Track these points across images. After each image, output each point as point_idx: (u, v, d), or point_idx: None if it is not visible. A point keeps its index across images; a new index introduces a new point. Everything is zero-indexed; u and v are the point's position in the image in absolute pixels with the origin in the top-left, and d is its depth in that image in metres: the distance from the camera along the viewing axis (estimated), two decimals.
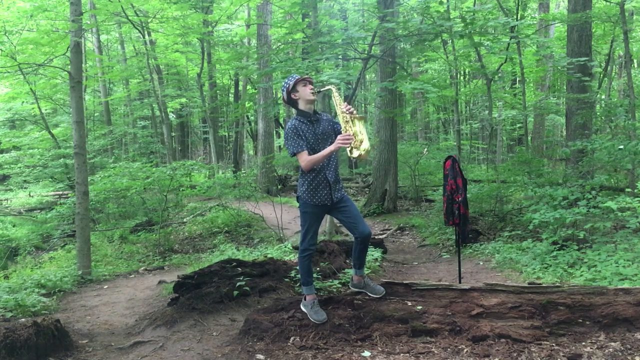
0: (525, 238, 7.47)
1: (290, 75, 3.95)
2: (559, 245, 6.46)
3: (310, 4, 9.47)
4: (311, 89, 3.87)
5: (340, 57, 13.52)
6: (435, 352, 3.42)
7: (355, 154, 3.61)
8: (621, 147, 6.88)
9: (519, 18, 12.26)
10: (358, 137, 3.62)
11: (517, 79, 15.78)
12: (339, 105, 3.76)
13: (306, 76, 3.95)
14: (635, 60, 18.78)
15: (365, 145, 3.59)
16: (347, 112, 3.69)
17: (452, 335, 3.58)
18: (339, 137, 3.66)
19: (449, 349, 3.44)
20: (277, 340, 3.76)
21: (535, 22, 13.92)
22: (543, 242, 6.75)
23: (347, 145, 3.61)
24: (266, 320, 3.94)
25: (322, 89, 4.06)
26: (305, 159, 3.78)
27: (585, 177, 7.71)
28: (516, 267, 6.41)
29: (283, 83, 3.98)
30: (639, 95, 10.83)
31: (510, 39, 10.40)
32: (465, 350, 3.41)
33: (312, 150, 3.84)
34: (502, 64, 12.69)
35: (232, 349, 3.78)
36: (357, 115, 3.67)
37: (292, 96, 3.91)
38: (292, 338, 3.75)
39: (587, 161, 7.87)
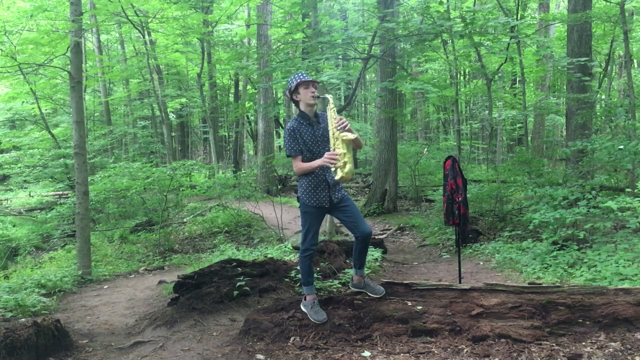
0: (525, 238, 7.47)
1: (297, 73, 3.91)
2: (559, 245, 6.46)
3: (310, 4, 9.47)
4: (313, 92, 3.85)
5: (340, 57, 13.53)
6: (435, 352, 3.42)
7: (338, 175, 3.60)
8: (621, 147, 6.88)
9: (519, 18, 12.26)
10: (342, 158, 3.60)
11: (517, 79, 15.79)
12: (333, 118, 3.73)
13: (310, 79, 3.88)
14: (635, 60, 18.77)
15: (348, 167, 3.57)
16: (340, 127, 3.65)
17: (452, 335, 3.58)
18: (326, 154, 3.67)
19: (449, 349, 3.44)
20: (277, 340, 3.76)
21: (535, 22, 13.91)
22: (543, 242, 6.75)
23: (332, 165, 3.62)
24: (266, 320, 3.94)
25: (320, 96, 4.05)
26: (297, 164, 3.86)
27: (585, 177, 7.71)
28: (516, 267, 6.41)
29: (289, 79, 3.96)
30: (639, 95, 10.83)
31: (510, 39, 10.40)
32: (465, 350, 3.41)
33: (310, 152, 3.87)
34: (502, 64, 12.69)
35: (232, 349, 3.78)
36: (347, 137, 3.62)
37: (294, 97, 3.93)
38: (292, 338, 3.75)
39: (587, 161, 7.87)
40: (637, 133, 8.44)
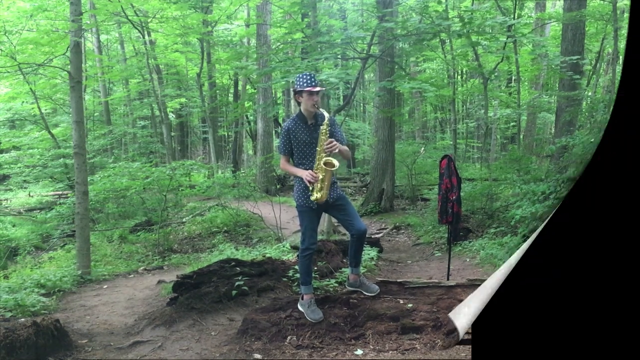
0: (507, 234, 7.54)
1: (305, 75, 3.91)
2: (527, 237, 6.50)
3: (309, 4, 9.52)
4: (315, 101, 3.91)
5: (339, 56, 13.57)
6: (418, 347, 3.50)
7: (313, 196, 3.83)
8: (592, 140, 6.93)
9: (516, 17, 12.30)
10: (320, 183, 3.79)
11: (513, 78, 15.83)
12: (323, 140, 3.85)
13: (317, 89, 3.89)
14: (621, 57, 18.78)
15: (322, 193, 3.79)
16: (328, 149, 3.79)
17: (434, 330, 3.66)
18: (308, 172, 3.82)
19: (428, 344, 3.52)
20: (275, 340, 3.82)
21: (531, 21, 13.96)
22: (517, 236, 6.82)
23: (310, 185, 3.81)
24: (264, 320, 4.00)
25: (319, 110, 4.00)
26: (282, 162, 4.08)
27: (562, 171, 7.75)
28: (494, 261, 6.48)
29: (297, 77, 3.95)
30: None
31: (507, 38, 10.45)
32: (439, 344, 3.49)
33: (301, 153, 3.97)
34: (498, 63, 12.74)
35: (230, 349, 3.84)
36: (327, 167, 3.78)
37: (296, 99, 4.00)
38: (289, 337, 3.82)
39: (566, 157, 7.92)
40: None
